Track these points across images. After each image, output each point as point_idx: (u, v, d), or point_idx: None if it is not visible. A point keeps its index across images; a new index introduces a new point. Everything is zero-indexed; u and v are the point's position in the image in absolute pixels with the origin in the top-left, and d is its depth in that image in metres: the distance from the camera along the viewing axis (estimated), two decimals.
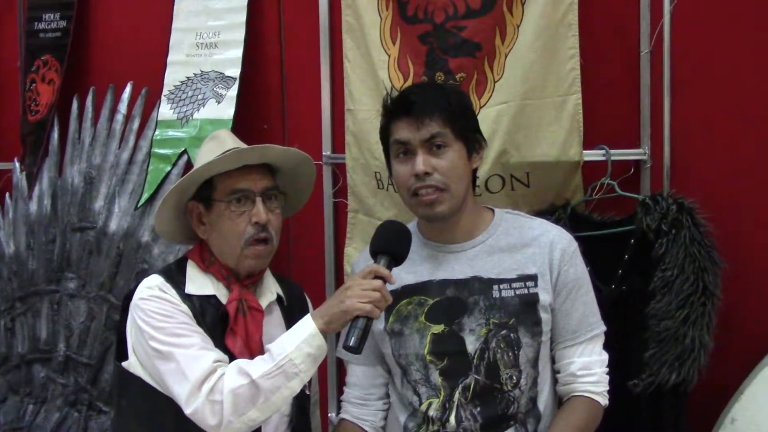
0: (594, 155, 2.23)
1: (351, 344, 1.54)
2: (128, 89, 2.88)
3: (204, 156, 1.80)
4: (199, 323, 1.70)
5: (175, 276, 1.77)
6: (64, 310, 2.84)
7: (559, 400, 1.79)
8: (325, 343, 1.61)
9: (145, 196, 2.73)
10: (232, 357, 1.68)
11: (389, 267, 1.63)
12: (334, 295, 1.63)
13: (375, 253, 1.66)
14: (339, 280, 2.65)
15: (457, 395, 1.70)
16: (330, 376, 2.64)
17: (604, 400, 1.75)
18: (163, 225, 1.83)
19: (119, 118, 2.87)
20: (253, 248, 1.75)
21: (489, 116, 2.19)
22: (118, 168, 2.82)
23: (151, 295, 1.71)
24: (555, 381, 1.79)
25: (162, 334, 1.66)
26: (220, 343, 1.70)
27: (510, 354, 1.69)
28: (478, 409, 1.69)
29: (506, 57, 2.21)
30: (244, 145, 1.81)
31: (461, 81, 2.23)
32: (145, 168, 2.77)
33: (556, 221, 2.09)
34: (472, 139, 1.75)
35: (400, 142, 1.71)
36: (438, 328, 1.72)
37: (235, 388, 1.57)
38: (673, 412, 2.08)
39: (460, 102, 1.75)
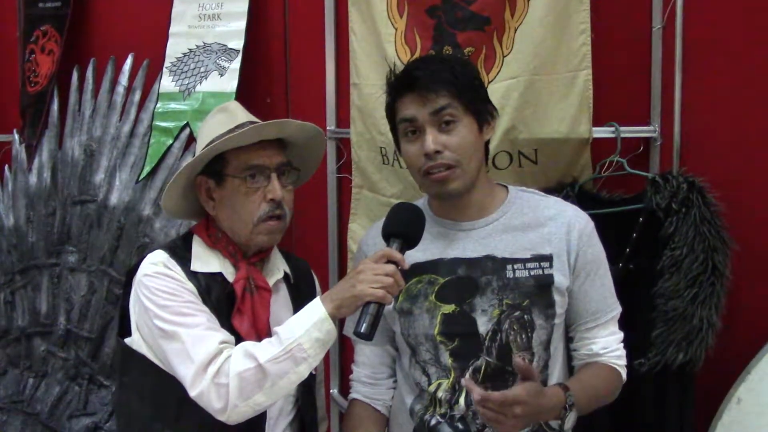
0: (603, 132, 2.21)
1: (362, 331, 1.51)
2: (129, 61, 2.84)
3: (213, 129, 1.75)
4: (204, 301, 1.67)
5: (181, 252, 1.73)
6: (65, 283, 2.82)
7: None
8: (334, 328, 1.58)
9: (147, 169, 2.70)
10: (238, 337, 1.66)
11: (402, 251, 1.59)
12: (345, 279, 1.59)
13: (388, 236, 1.62)
14: (342, 257, 2.64)
15: (467, 377, 1.66)
16: (332, 353, 2.63)
17: (624, 374, 1.74)
18: (172, 201, 1.79)
19: (120, 90, 2.83)
20: (266, 224, 1.71)
21: (497, 92, 2.16)
22: (118, 141, 2.79)
23: (156, 272, 1.67)
24: (567, 362, 1.77)
25: (167, 312, 1.63)
26: (226, 323, 1.67)
27: (523, 336, 1.65)
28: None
29: (516, 31, 2.17)
30: (255, 119, 1.77)
31: (469, 55, 2.19)
32: (146, 141, 2.74)
33: (564, 199, 2.07)
34: (482, 110, 1.69)
35: (406, 120, 1.66)
36: (449, 308, 1.69)
37: (242, 372, 1.55)
38: (679, 391, 2.09)
39: (466, 73, 1.69)
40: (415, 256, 1.66)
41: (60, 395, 2.78)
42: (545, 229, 1.70)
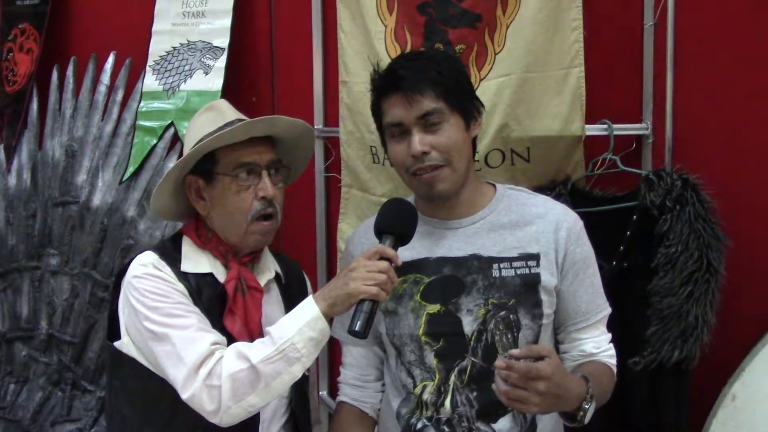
0: (596, 130, 2.20)
1: (356, 329, 1.49)
2: (111, 59, 2.80)
3: (201, 127, 1.73)
4: (195, 302, 1.65)
5: (170, 253, 1.71)
6: (46, 286, 2.77)
7: None
8: (328, 327, 1.56)
9: (131, 169, 2.66)
10: (230, 338, 1.63)
11: (395, 247, 1.57)
12: (338, 277, 1.57)
13: (380, 233, 1.60)
14: (331, 257, 2.61)
15: (452, 379, 1.64)
16: (322, 354, 2.60)
17: (615, 373, 1.72)
18: (161, 201, 1.76)
19: (102, 89, 2.79)
20: (259, 224, 1.69)
21: (489, 89, 2.15)
22: (101, 141, 2.74)
23: (145, 273, 1.64)
24: None
25: (157, 314, 1.60)
26: (217, 324, 1.65)
27: (509, 336, 1.63)
28: (474, 393, 1.63)
29: (508, 28, 2.15)
30: (244, 117, 1.75)
31: (461, 53, 2.18)
32: (129, 141, 2.69)
33: (557, 197, 2.06)
34: (469, 108, 1.67)
35: (393, 125, 1.64)
36: (434, 308, 1.66)
37: (234, 373, 1.52)
38: (674, 389, 2.08)
39: (452, 71, 1.66)
40: (401, 254, 1.63)
41: (42, 401, 2.73)
42: (533, 227, 1.68)
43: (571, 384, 1.48)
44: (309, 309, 1.56)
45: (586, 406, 1.50)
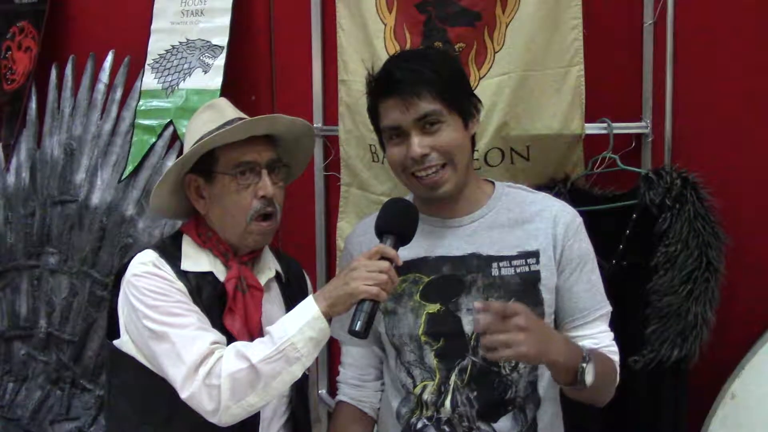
0: (595, 128, 2.20)
1: (357, 329, 1.48)
2: (110, 58, 2.78)
3: (201, 126, 1.72)
4: (195, 301, 1.64)
5: (170, 251, 1.70)
6: (45, 285, 2.76)
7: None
8: (328, 327, 1.55)
9: (129, 168, 2.65)
10: (230, 337, 1.63)
11: (395, 247, 1.57)
12: (339, 277, 1.57)
13: (381, 233, 1.59)
14: (331, 256, 2.61)
15: (453, 378, 1.63)
16: (321, 353, 2.58)
17: (618, 371, 1.70)
18: (160, 200, 1.76)
19: (101, 87, 2.77)
20: (258, 224, 1.69)
21: (489, 88, 2.14)
22: (100, 139, 2.73)
23: (145, 272, 1.64)
24: None
25: (156, 313, 1.59)
26: (217, 323, 1.65)
27: None
28: (475, 393, 1.63)
29: (507, 27, 2.15)
30: (244, 115, 1.75)
31: (460, 51, 2.17)
32: (128, 139, 2.69)
33: (556, 195, 2.05)
34: (467, 106, 1.65)
35: (391, 128, 1.63)
36: (433, 308, 1.65)
37: (234, 372, 1.52)
38: (674, 388, 2.09)
39: (448, 70, 1.64)
40: (400, 254, 1.61)
41: (41, 400, 2.72)
42: (532, 224, 1.67)
43: (555, 333, 1.54)
44: (309, 309, 1.55)
45: (584, 365, 1.49)
